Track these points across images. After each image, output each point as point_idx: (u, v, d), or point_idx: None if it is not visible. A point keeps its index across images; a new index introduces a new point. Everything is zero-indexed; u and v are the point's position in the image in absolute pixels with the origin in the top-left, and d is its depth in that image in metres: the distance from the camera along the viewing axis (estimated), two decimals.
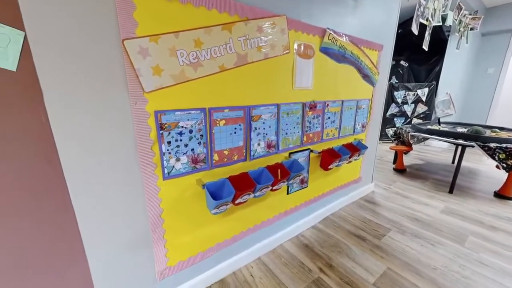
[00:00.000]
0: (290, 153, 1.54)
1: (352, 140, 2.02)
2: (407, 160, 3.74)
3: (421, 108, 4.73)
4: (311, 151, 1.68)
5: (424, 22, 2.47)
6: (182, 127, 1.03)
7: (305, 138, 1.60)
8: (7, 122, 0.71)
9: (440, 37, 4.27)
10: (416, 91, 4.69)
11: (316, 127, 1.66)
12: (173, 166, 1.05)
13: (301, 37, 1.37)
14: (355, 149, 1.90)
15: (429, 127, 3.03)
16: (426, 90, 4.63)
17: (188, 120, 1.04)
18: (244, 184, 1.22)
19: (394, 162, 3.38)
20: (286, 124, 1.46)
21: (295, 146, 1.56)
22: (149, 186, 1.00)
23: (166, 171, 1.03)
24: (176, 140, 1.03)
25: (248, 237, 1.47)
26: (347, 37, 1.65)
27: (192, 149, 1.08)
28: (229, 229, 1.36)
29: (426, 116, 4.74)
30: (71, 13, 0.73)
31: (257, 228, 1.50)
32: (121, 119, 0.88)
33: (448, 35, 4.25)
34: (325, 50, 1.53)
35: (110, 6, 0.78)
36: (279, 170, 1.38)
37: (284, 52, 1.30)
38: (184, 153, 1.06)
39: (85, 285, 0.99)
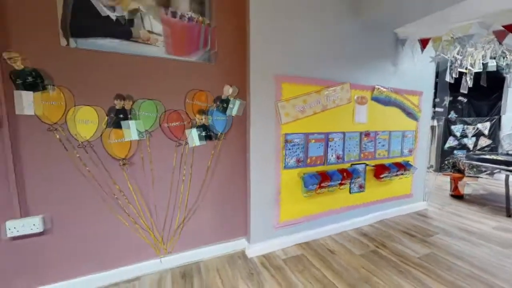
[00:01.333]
0: (352, 164, 2.31)
1: (401, 161, 2.63)
2: (468, 189, 3.85)
3: (484, 142, 4.75)
4: (367, 165, 2.41)
5: (463, 70, 3.04)
6: (294, 142, 1.98)
7: (362, 155, 2.36)
8: (239, 139, 1.81)
9: (496, 75, 4.51)
10: (475, 125, 4.80)
11: (370, 148, 2.41)
12: (288, 163, 1.98)
13: (358, 92, 2.26)
14: (403, 167, 2.52)
15: (486, 156, 3.29)
16: (487, 124, 4.71)
17: (297, 139, 1.99)
18: (323, 179, 2.05)
19: (453, 190, 3.60)
20: (349, 145, 2.27)
21: (355, 160, 2.33)
22: (277, 172, 1.94)
23: (284, 165, 1.97)
24: (290, 149, 1.98)
25: (323, 218, 2.22)
26: (391, 89, 2.46)
27: (297, 154, 2.01)
28: (313, 208, 2.16)
29: (491, 150, 4.71)
30: (262, 92, 1.81)
31: (329, 213, 2.25)
32: (271, 136, 1.89)
33: (507, 72, 4.46)
34: (375, 99, 2.37)
35: (274, 88, 1.85)
36: (345, 173, 2.16)
37: (348, 102, 2.20)
38: (293, 157, 1.99)
39: (245, 222, 1.94)
